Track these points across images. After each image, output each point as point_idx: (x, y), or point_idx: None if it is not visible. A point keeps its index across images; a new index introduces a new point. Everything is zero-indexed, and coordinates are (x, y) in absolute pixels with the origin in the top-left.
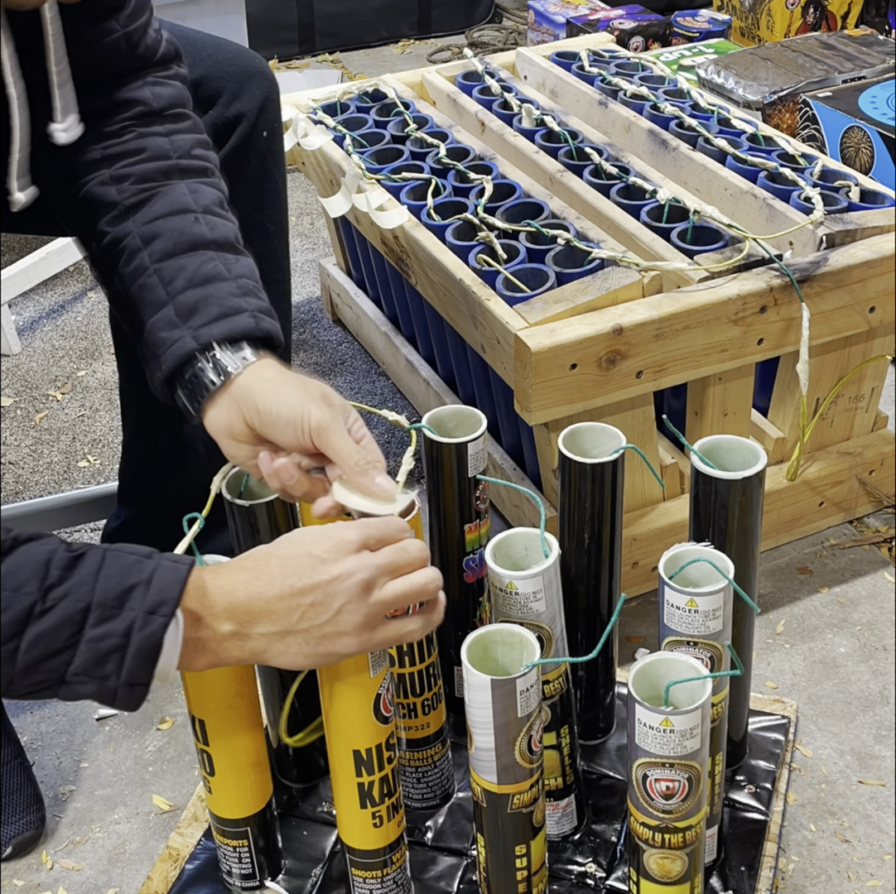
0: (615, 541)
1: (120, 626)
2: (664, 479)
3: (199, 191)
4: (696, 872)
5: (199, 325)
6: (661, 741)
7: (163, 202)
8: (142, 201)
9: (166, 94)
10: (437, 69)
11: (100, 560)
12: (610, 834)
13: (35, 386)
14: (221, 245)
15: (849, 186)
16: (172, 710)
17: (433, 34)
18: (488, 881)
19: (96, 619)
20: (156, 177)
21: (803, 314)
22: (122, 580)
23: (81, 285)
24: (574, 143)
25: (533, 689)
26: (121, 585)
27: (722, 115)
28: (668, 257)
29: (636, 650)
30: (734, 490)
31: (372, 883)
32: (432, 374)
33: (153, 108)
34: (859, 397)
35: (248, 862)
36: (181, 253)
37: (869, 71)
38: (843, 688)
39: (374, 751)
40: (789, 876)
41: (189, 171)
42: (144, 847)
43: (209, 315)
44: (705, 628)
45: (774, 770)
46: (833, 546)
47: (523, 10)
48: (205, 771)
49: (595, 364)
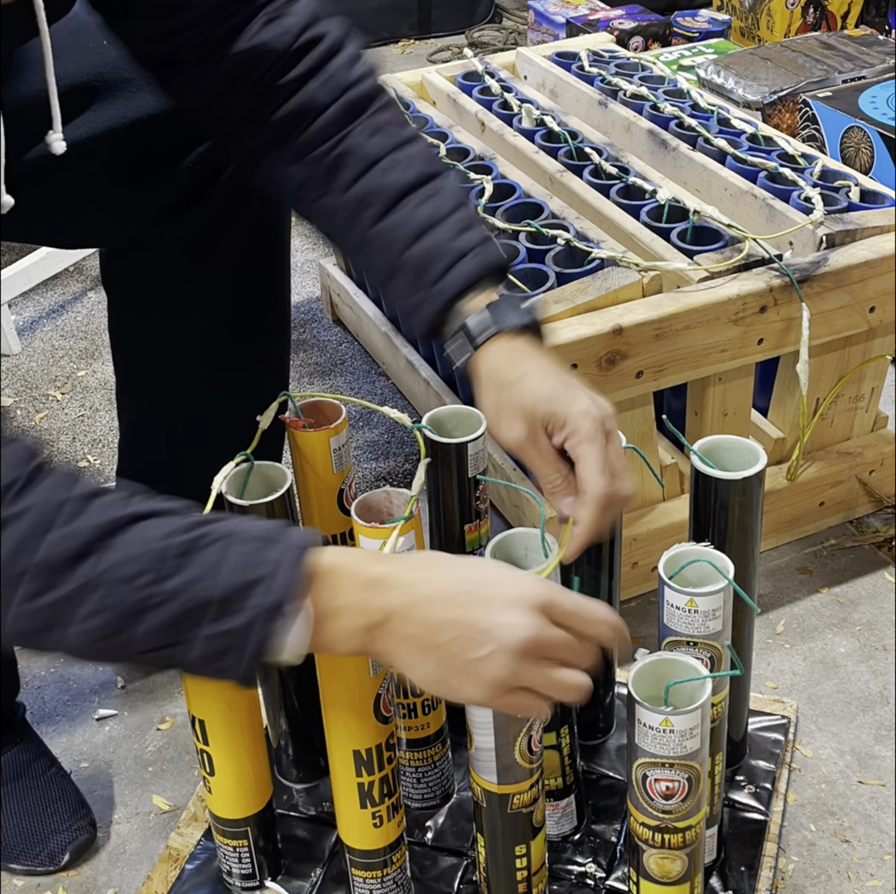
0: (615, 541)
1: (239, 623)
2: (664, 479)
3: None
4: (696, 872)
5: (431, 283)
6: (661, 741)
7: (350, 163)
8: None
9: (289, 25)
10: (437, 69)
11: (223, 548)
12: (610, 835)
13: (35, 386)
14: (420, 182)
15: (849, 186)
16: (172, 710)
17: (433, 34)
18: (488, 881)
19: (215, 615)
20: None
21: (803, 314)
22: (243, 573)
23: (81, 285)
24: (574, 143)
25: None
26: (242, 579)
27: (722, 115)
28: (667, 257)
29: (636, 650)
30: (734, 490)
31: (372, 883)
32: (432, 374)
33: (280, 49)
34: (859, 397)
35: (248, 862)
36: (387, 212)
37: (869, 71)
38: (843, 688)
39: (374, 751)
40: (789, 876)
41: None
42: (144, 847)
43: (438, 270)
44: (705, 628)
45: (774, 770)
46: (833, 546)
47: (523, 10)
48: (205, 771)
49: (595, 364)
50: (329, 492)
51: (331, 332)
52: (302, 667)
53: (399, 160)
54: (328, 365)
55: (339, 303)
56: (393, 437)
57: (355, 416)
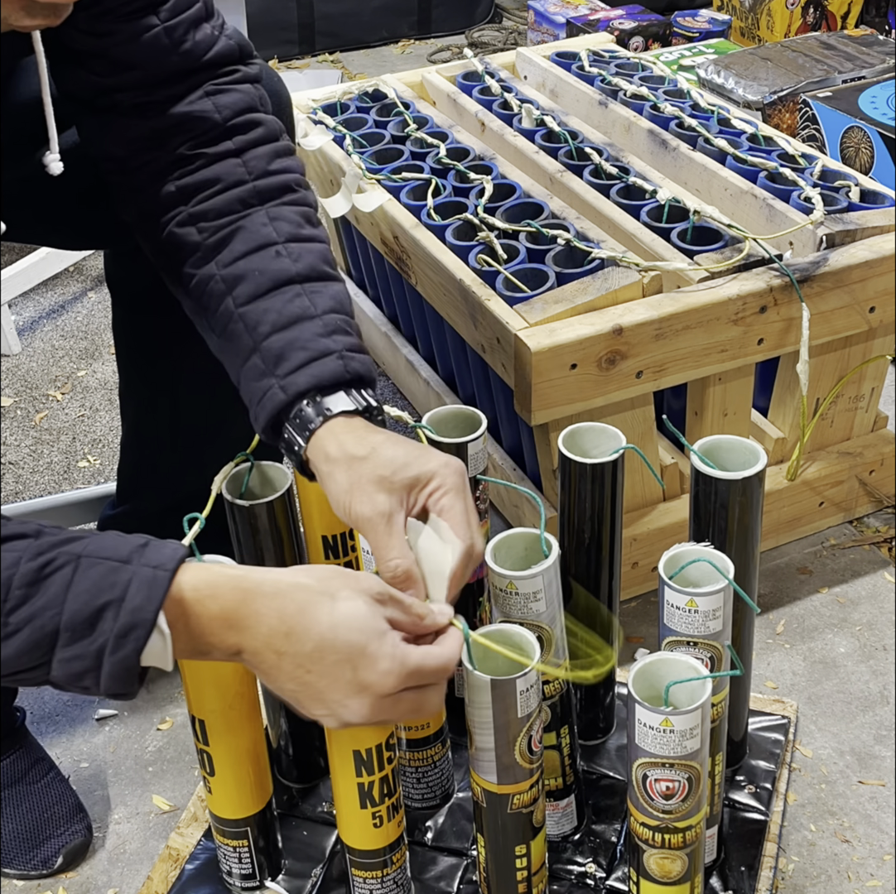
0: (615, 541)
1: (91, 648)
2: (664, 479)
3: (280, 216)
4: (696, 872)
5: (286, 373)
6: (661, 741)
7: (243, 239)
8: (222, 240)
9: (230, 101)
10: (437, 69)
11: (71, 572)
12: (610, 835)
13: (35, 386)
14: (306, 276)
15: (849, 186)
16: (172, 710)
17: (433, 34)
18: (488, 881)
19: (66, 641)
20: (234, 207)
21: (803, 314)
22: (92, 599)
23: (81, 285)
24: (574, 143)
25: (533, 690)
26: (91, 605)
27: (722, 115)
28: (668, 257)
29: (636, 650)
30: (734, 490)
31: (372, 883)
32: (432, 374)
33: (217, 120)
34: (859, 397)
35: (248, 862)
36: (264, 293)
37: (869, 71)
38: (843, 688)
39: (374, 751)
40: (789, 876)
41: (268, 194)
42: (144, 847)
43: (296, 361)
44: (705, 628)
45: (774, 770)
46: (833, 546)
47: (523, 10)
48: (205, 771)
49: (595, 364)
50: None
51: None
52: None
53: (292, 251)
54: None
55: None
56: None
57: None
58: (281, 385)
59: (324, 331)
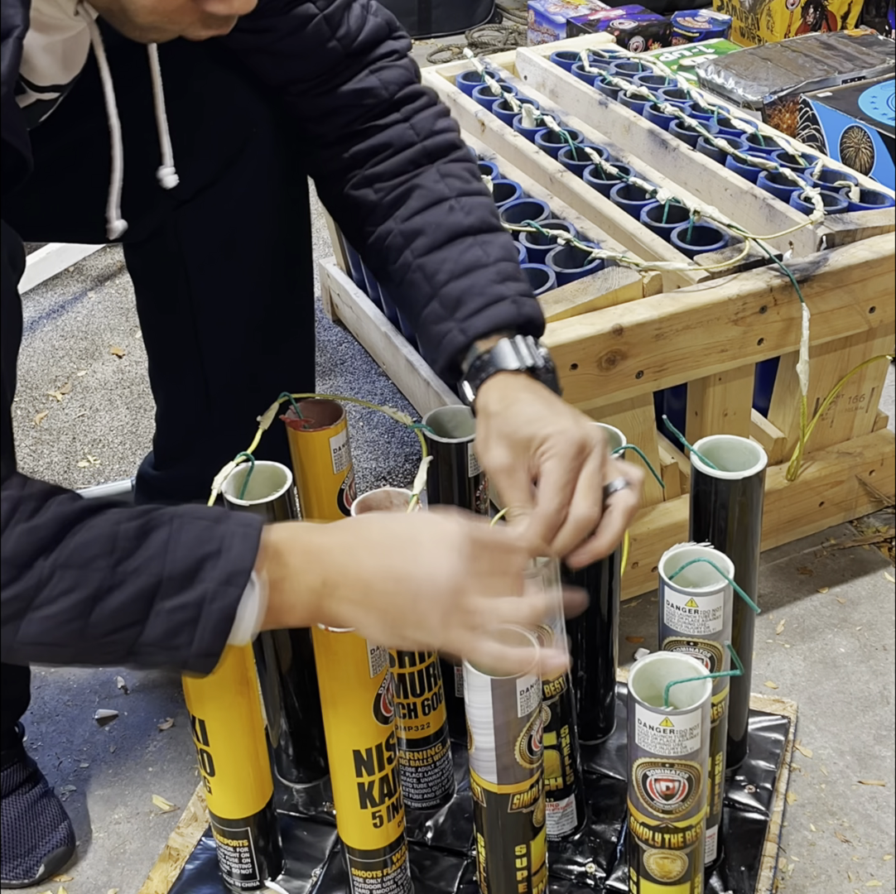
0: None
1: (192, 597)
2: (664, 479)
3: (450, 173)
4: (696, 872)
5: (464, 317)
6: (661, 741)
7: (419, 195)
8: (399, 197)
9: (394, 77)
10: (437, 69)
11: (168, 530)
12: (610, 834)
13: (35, 386)
14: (479, 228)
15: (849, 186)
16: (172, 710)
17: (433, 34)
18: (488, 881)
19: (168, 591)
20: (407, 167)
21: (803, 314)
22: (192, 551)
23: (81, 285)
24: (574, 143)
25: (533, 689)
26: (192, 557)
27: (722, 116)
28: (668, 257)
29: (636, 650)
30: (734, 490)
31: (372, 883)
32: (432, 374)
33: (384, 96)
34: (859, 397)
35: (248, 862)
36: (441, 245)
37: (869, 71)
38: (843, 688)
39: (374, 751)
40: (789, 876)
41: (436, 152)
42: (144, 847)
43: (473, 306)
44: (705, 628)
45: (774, 770)
46: (833, 546)
47: (523, 10)
48: (205, 771)
49: (595, 364)
50: (329, 492)
51: (331, 332)
52: (302, 667)
53: (463, 204)
54: (328, 365)
55: (339, 304)
56: (393, 437)
57: (355, 416)
58: (461, 328)
59: (497, 278)
